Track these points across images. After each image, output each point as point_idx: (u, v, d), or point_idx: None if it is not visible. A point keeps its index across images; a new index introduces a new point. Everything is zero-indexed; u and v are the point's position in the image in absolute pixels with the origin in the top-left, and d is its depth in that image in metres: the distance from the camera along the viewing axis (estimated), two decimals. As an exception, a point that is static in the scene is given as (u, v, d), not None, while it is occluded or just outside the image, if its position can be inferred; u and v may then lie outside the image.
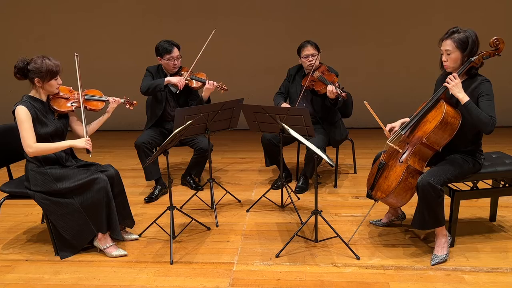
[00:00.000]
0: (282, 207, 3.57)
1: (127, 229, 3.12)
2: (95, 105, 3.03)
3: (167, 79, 3.72)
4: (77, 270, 2.70)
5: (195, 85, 3.79)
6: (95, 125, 3.06)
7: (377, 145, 5.33)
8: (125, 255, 2.85)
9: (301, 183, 3.92)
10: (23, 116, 2.67)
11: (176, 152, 5.13)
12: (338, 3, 6.19)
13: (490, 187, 3.04)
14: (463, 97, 2.53)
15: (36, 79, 2.72)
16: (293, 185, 4.02)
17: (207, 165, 3.65)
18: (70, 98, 2.93)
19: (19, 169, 3.05)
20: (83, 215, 2.78)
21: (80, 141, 2.80)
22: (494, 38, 2.60)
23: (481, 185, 2.95)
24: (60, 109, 2.87)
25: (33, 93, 2.80)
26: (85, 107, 2.95)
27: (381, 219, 3.19)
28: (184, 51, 3.85)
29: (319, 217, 2.90)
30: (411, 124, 2.74)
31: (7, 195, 2.94)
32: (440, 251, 2.68)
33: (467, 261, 2.67)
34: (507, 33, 4.00)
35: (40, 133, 2.73)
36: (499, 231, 3.06)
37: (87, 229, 2.82)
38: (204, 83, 3.74)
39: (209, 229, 3.20)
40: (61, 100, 2.90)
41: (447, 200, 2.75)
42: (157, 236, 3.12)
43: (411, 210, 2.88)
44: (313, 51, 3.76)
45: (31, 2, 6.47)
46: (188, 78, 3.76)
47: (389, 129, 2.89)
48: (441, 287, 2.41)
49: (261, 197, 3.61)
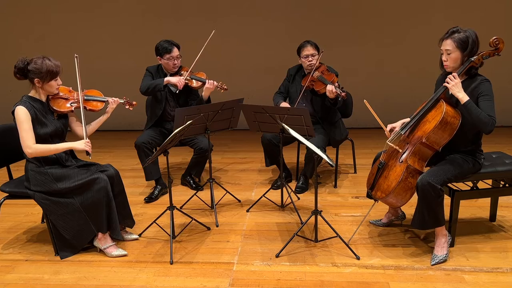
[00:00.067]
0: (282, 207, 3.57)
1: (127, 229, 3.12)
2: (95, 105, 3.03)
3: (167, 79, 3.72)
4: (77, 270, 2.71)
5: (195, 84, 3.79)
6: (94, 126, 3.06)
7: (377, 145, 5.32)
8: (125, 255, 2.86)
9: (301, 183, 3.92)
10: (23, 116, 2.66)
11: (176, 152, 5.13)
12: (338, 3, 6.18)
13: (490, 187, 3.04)
14: (463, 97, 2.53)
15: (36, 79, 2.72)
16: (293, 185, 4.02)
17: (207, 165, 3.65)
18: (69, 98, 2.93)
19: (19, 169, 3.05)
20: (83, 215, 2.78)
21: (79, 143, 2.80)
22: (493, 38, 2.60)
23: (481, 185, 2.95)
24: (59, 109, 2.87)
25: (32, 93, 2.80)
26: (84, 108, 2.94)
27: (381, 219, 3.19)
28: (184, 51, 3.85)
29: (319, 217, 2.90)
30: (411, 124, 2.74)
31: (7, 195, 2.94)
32: (440, 251, 2.68)
33: (467, 261, 2.67)
34: (507, 33, 4.01)
35: (39, 134, 2.73)
36: (499, 231, 3.06)
37: (87, 229, 2.82)
38: (204, 83, 3.74)
39: (209, 229, 3.20)
40: (61, 100, 2.90)
41: (447, 200, 2.75)
42: (157, 236, 3.12)
43: (411, 210, 2.88)
44: (313, 51, 3.76)
45: (31, 2, 6.47)
46: (188, 77, 3.76)
47: (389, 130, 2.88)
48: (441, 287, 2.42)
49: (261, 197, 3.61)
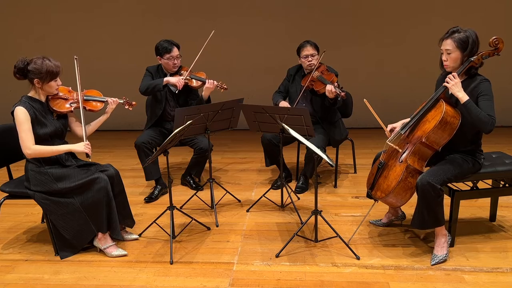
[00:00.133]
0: (282, 207, 3.57)
1: (127, 229, 3.12)
2: (94, 105, 3.03)
3: (166, 79, 3.72)
4: (77, 270, 2.70)
5: (195, 84, 3.79)
6: (94, 126, 3.06)
7: (377, 145, 5.32)
8: (125, 255, 2.85)
9: (301, 183, 3.92)
10: (22, 117, 2.66)
11: (176, 152, 5.13)
12: (338, 3, 6.18)
13: (490, 187, 3.04)
14: (463, 96, 2.53)
15: (35, 79, 2.72)
16: (293, 185, 4.02)
17: (207, 165, 3.65)
18: (69, 98, 2.93)
19: (19, 169, 3.05)
20: (83, 215, 2.78)
21: (79, 146, 2.79)
22: (493, 38, 2.60)
23: (481, 185, 2.95)
24: (59, 109, 2.86)
25: (32, 93, 2.79)
26: (84, 108, 2.94)
27: (381, 219, 3.19)
28: (184, 51, 3.85)
29: (319, 217, 2.90)
30: (410, 123, 2.74)
31: (7, 195, 2.94)
32: (440, 251, 2.68)
33: (467, 261, 2.67)
34: (507, 33, 4.01)
35: (39, 134, 2.73)
36: (499, 231, 3.06)
37: (87, 229, 2.82)
38: (204, 82, 3.74)
39: (209, 229, 3.20)
40: (60, 100, 2.89)
41: (447, 200, 2.75)
42: (157, 236, 3.12)
43: (411, 210, 2.88)
44: (312, 51, 3.76)
45: (31, 2, 6.48)
46: (188, 77, 3.76)
47: (390, 130, 2.89)
48: (441, 287, 2.41)
49: (261, 197, 3.61)
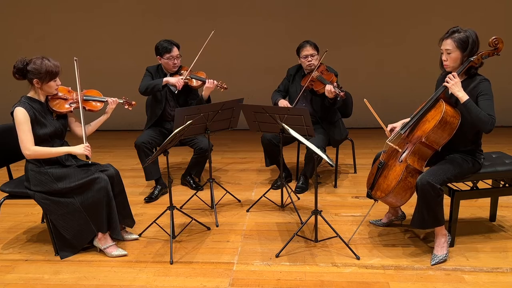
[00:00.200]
0: (282, 207, 3.57)
1: (127, 229, 3.12)
2: (94, 105, 3.02)
3: (166, 79, 3.72)
4: (77, 270, 2.70)
5: (195, 84, 3.79)
6: (94, 126, 3.06)
7: (377, 145, 5.32)
8: (125, 255, 2.85)
9: (301, 183, 3.92)
10: (22, 118, 2.66)
11: (176, 152, 5.13)
12: (338, 3, 6.18)
13: (490, 187, 3.04)
14: (463, 96, 2.53)
15: (35, 80, 2.72)
16: (293, 185, 4.02)
17: (207, 165, 3.65)
18: (68, 98, 2.92)
19: (19, 169, 3.05)
20: (83, 215, 2.78)
21: (78, 148, 2.78)
22: (493, 38, 2.60)
23: (481, 185, 2.95)
24: (58, 110, 2.86)
25: (31, 93, 2.79)
26: (83, 108, 2.94)
27: (381, 219, 3.19)
28: (184, 51, 3.85)
29: (319, 217, 2.90)
30: (410, 123, 2.74)
31: (7, 195, 2.94)
32: (439, 250, 2.68)
33: (467, 261, 2.66)
34: (507, 33, 4.01)
35: (39, 134, 2.73)
36: (499, 231, 3.06)
37: (88, 229, 2.82)
38: (204, 82, 3.74)
39: (209, 229, 3.20)
40: (60, 100, 2.89)
41: (447, 200, 2.76)
42: (157, 236, 3.12)
43: (411, 210, 2.88)
44: (312, 51, 3.76)
45: (31, 2, 6.48)
46: (188, 77, 3.77)
47: (390, 129, 2.89)
48: (441, 287, 2.41)
49: (261, 197, 3.61)
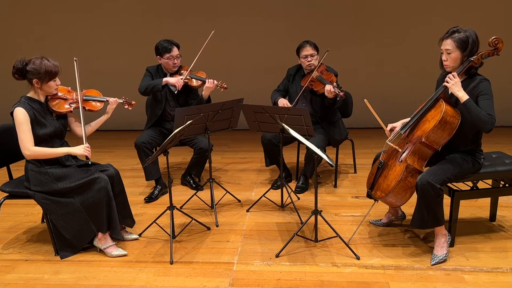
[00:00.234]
0: (282, 207, 3.57)
1: (127, 229, 3.12)
2: (94, 105, 3.02)
3: (165, 79, 3.72)
4: (77, 270, 2.70)
5: (195, 83, 3.79)
6: (94, 126, 3.06)
7: (377, 145, 5.32)
8: (125, 255, 2.85)
9: (301, 183, 3.92)
10: (21, 118, 2.66)
11: (176, 152, 5.13)
12: (338, 3, 6.18)
13: (490, 187, 3.04)
14: (463, 96, 2.53)
15: (34, 80, 2.71)
16: (293, 185, 4.02)
17: (207, 165, 3.65)
18: (68, 98, 2.92)
19: (19, 169, 3.05)
20: (83, 215, 2.78)
21: (78, 149, 2.78)
22: (493, 37, 2.60)
23: (481, 185, 2.95)
24: (58, 110, 2.86)
25: (31, 94, 2.79)
26: (83, 108, 2.94)
27: (381, 219, 3.19)
28: (184, 51, 3.85)
29: (319, 217, 2.90)
30: (410, 123, 2.75)
31: (7, 195, 2.94)
32: (439, 250, 2.68)
33: (467, 261, 2.66)
34: (507, 33, 4.00)
35: (38, 134, 2.73)
36: (499, 231, 3.06)
37: (88, 229, 2.82)
38: (204, 82, 3.74)
39: (209, 229, 3.20)
40: (60, 100, 2.89)
41: (447, 200, 2.76)
42: (157, 236, 3.12)
43: (411, 210, 2.88)
44: (312, 52, 3.76)
45: (31, 2, 6.48)
46: (188, 77, 3.77)
47: (390, 129, 2.89)
48: (441, 287, 2.41)
49: (261, 197, 3.61)
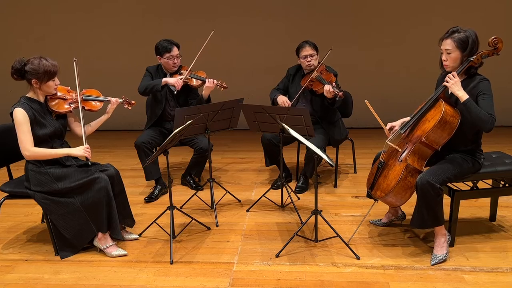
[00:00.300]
0: (282, 207, 3.57)
1: (127, 229, 3.12)
2: (94, 105, 3.02)
3: (165, 79, 3.72)
4: (77, 270, 2.71)
5: (195, 83, 3.79)
6: (94, 126, 3.06)
7: (377, 145, 5.32)
8: (125, 255, 2.85)
9: (301, 183, 3.92)
10: (21, 118, 2.66)
11: (176, 152, 5.13)
12: (338, 3, 6.18)
13: (490, 187, 3.04)
14: (463, 95, 2.53)
15: (33, 80, 2.71)
16: (293, 185, 4.02)
17: (207, 165, 3.65)
18: (68, 98, 2.92)
19: (19, 169, 3.05)
20: (83, 215, 2.78)
21: (78, 150, 2.78)
22: (492, 37, 2.60)
23: (481, 185, 2.95)
24: (58, 110, 2.86)
25: (30, 94, 2.79)
26: (83, 108, 2.94)
27: (381, 219, 3.19)
28: (184, 51, 3.85)
29: (319, 217, 2.90)
30: (410, 123, 2.75)
31: (7, 195, 2.94)
32: (439, 250, 2.68)
33: (467, 261, 2.67)
34: (507, 33, 4.00)
35: (38, 135, 2.73)
36: (499, 231, 3.06)
37: (88, 229, 2.82)
38: (204, 81, 3.74)
39: (209, 229, 3.20)
40: (59, 100, 2.89)
41: (447, 200, 2.76)
42: (157, 236, 3.12)
43: (411, 210, 2.88)
44: (311, 52, 3.75)
45: (31, 2, 6.48)
46: (187, 76, 3.77)
47: (389, 128, 2.89)
48: (441, 287, 2.42)
49: (261, 197, 3.61)
